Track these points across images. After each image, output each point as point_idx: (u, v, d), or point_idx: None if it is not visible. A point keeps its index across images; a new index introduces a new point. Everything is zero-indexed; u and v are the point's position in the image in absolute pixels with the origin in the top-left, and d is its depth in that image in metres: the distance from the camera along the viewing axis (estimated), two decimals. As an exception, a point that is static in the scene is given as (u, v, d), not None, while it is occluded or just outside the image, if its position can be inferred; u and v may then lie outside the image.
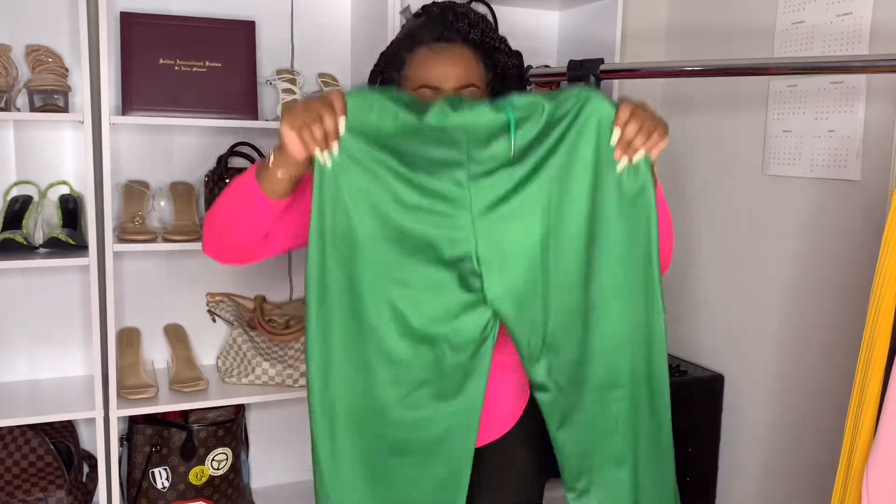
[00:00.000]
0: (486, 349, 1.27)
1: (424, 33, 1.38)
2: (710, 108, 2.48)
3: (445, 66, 1.34)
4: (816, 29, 2.08)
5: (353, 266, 1.23)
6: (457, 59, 1.35)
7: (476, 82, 1.36)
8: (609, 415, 1.30)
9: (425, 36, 1.38)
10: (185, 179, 2.20)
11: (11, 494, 1.98)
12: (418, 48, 1.37)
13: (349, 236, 1.22)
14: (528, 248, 1.24)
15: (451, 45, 1.36)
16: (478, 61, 1.38)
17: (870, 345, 1.38)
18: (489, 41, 1.41)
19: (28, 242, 1.89)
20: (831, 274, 2.08)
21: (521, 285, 1.25)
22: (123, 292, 2.19)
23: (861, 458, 1.40)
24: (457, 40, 1.37)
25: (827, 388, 2.10)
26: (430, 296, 1.24)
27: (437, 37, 1.37)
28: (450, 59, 1.35)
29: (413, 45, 1.38)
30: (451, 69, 1.34)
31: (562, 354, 1.29)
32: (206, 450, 2.08)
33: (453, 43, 1.36)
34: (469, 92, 1.34)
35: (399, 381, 1.27)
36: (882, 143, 1.94)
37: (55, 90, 1.91)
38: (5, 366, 2.13)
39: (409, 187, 1.21)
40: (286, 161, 1.18)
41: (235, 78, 2.07)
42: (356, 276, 1.23)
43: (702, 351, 2.55)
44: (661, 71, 2.25)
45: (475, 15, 1.41)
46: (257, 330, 2.19)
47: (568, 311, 1.27)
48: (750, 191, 2.33)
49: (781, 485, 2.27)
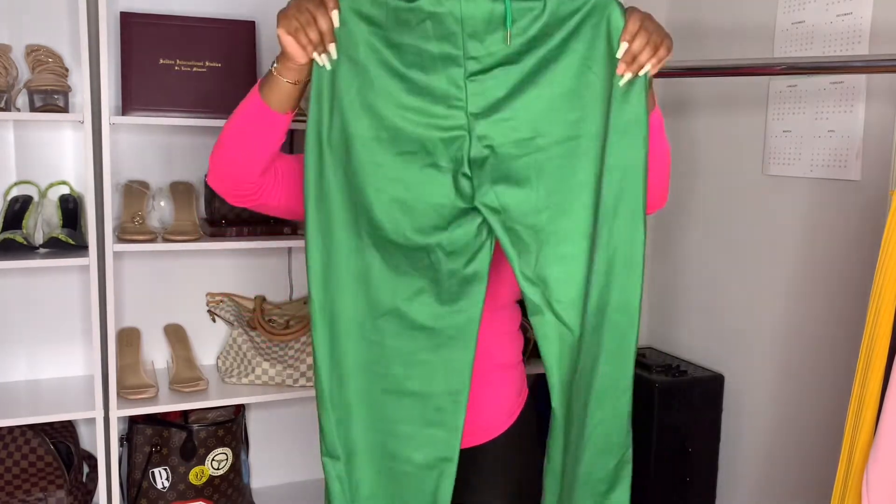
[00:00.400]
0: (483, 257, 1.22)
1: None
2: (710, 108, 2.48)
3: None
4: (816, 29, 2.08)
5: (350, 168, 1.19)
6: None
7: None
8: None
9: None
10: (185, 179, 2.20)
11: (11, 494, 1.98)
12: None
13: (345, 138, 1.18)
14: (524, 155, 1.19)
15: None
16: None
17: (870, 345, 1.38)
18: None
19: (28, 242, 1.89)
20: (831, 274, 2.08)
21: (515, 194, 1.20)
22: (123, 292, 2.19)
23: (861, 458, 1.40)
24: None
25: (827, 388, 2.10)
26: (423, 199, 1.20)
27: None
28: None
29: None
30: None
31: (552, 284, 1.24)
32: (206, 450, 2.08)
33: None
34: None
35: (396, 288, 1.23)
36: (882, 143, 1.94)
37: (55, 90, 1.91)
38: (5, 366, 2.13)
39: (404, 85, 1.16)
40: (288, 66, 1.17)
41: (235, 78, 2.07)
42: (353, 178, 1.20)
43: (702, 351, 2.55)
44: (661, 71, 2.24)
45: None
46: (257, 330, 2.19)
47: (566, 233, 1.23)
48: (750, 191, 2.33)
49: (781, 485, 2.27)
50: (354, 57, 1.17)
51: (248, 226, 2.07)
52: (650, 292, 2.79)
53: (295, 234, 2.12)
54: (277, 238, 2.08)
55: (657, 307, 2.76)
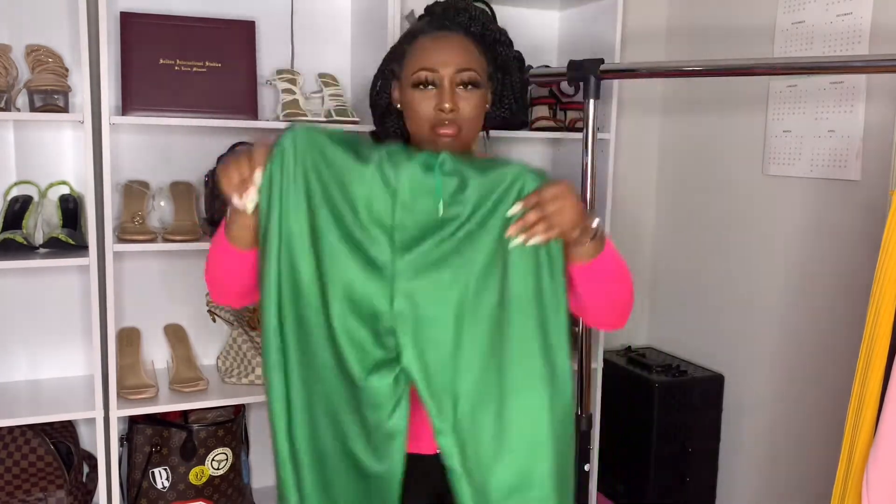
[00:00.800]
0: (401, 412, 1.23)
1: (423, 26, 1.40)
2: (710, 108, 2.48)
3: (444, 51, 1.34)
4: (816, 29, 2.08)
5: (299, 310, 1.24)
6: (456, 45, 1.35)
7: (475, 68, 1.36)
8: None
9: (425, 28, 1.39)
10: (185, 179, 2.20)
11: (11, 494, 1.98)
12: (419, 38, 1.38)
13: (293, 280, 1.23)
14: (444, 319, 1.21)
15: (451, 34, 1.37)
16: (479, 52, 1.38)
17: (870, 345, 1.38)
18: (490, 34, 1.41)
19: (28, 242, 1.89)
20: (831, 274, 2.08)
21: (434, 353, 1.22)
22: (123, 292, 2.19)
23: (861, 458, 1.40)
24: (457, 31, 1.38)
25: (827, 388, 2.10)
26: (349, 348, 1.22)
27: (437, 27, 1.38)
28: (449, 45, 1.35)
29: (414, 38, 1.39)
30: (450, 54, 1.34)
31: (471, 443, 1.24)
32: (206, 450, 2.08)
33: (453, 32, 1.37)
34: (468, 76, 1.34)
35: (337, 434, 1.27)
36: (882, 143, 1.94)
37: (55, 90, 1.91)
38: (5, 366, 2.13)
39: (339, 231, 1.21)
40: (234, 210, 1.25)
41: (235, 78, 2.07)
42: (302, 319, 1.24)
43: (702, 351, 2.55)
44: (661, 71, 2.25)
45: (476, 10, 1.41)
46: (257, 330, 2.19)
47: (480, 395, 1.24)
48: (750, 191, 2.33)
49: (781, 485, 2.27)
50: (300, 197, 1.21)
51: (248, 226, 2.07)
52: (650, 292, 2.79)
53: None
54: (277, 238, 2.08)
55: (657, 307, 2.76)
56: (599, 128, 2.14)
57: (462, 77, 1.34)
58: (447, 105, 1.32)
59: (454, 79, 1.34)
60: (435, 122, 1.34)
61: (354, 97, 2.33)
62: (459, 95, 1.34)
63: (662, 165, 2.70)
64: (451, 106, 1.33)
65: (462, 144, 1.37)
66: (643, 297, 2.78)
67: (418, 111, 1.34)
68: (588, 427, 2.05)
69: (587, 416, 2.04)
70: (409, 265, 1.21)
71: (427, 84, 1.33)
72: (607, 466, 2.52)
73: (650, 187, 2.74)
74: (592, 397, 2.27)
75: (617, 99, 2.31)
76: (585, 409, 2.04)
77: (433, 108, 1.33)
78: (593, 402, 2.32)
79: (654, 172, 2.73)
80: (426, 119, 1.34)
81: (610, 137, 2.28)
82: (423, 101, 1.34)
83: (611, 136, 2.28)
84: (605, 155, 2.28)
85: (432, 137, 1.35)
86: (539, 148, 2.59)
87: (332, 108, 2.13)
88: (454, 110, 1.33)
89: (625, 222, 2.67)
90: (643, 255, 2.77)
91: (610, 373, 2.45)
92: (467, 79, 1.34)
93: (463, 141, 1.37)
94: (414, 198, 1.20)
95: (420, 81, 1.34)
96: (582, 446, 2.05)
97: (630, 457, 2.46)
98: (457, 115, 1.34)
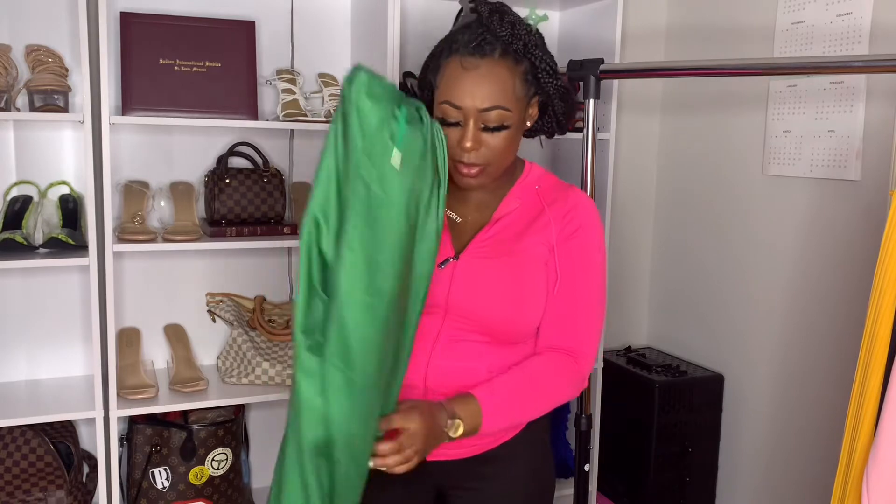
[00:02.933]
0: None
1: (461, 41, 1.30)
2: (710, 108, 2.48)
3: (473, 87, 1.27)
4: (816, 29, 2.08)
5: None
6: (487, 78, 1.27)
7: (505, 104, 1.28)
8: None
9: (460, 45, 1.30)
10: (185, 179, 2.20)
11: (11, 494, 1.98)
12: (452, 58, 1.30)
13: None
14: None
15: (484, 60, 1.28)
16: (514, 78, 1.30)
17: (870, 345, 1.38)
18: (530, 56, 1.32)
19: (28, 242, 1.89)
20: (831, 274, 2.08)
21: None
22: (123, 292, 2.19)
23: (861, 458, 1.40)
24: (492, 53, 1.28)
25: (827, 388, 2.10)
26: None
27: (471, 49, 1.28)
28: (479, 78, 1.27)
29: (450, 52, 1.31)
30: (479, 89, 1.27)
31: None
32: (206, 450, 2.08)
33: (487, 58, 1.28)
34: (495, 116, 1.28)
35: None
36: (882, 143, 1.94)
37: (55, 90, 1.91)
38: (5, 366, 2.13)
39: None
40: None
41: (235, 78, 2.07)
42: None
43: (702, 351, 2.55)
44: (661, 71, 2.25)
45: (521, 26, 1.32)
46: (257, 330, 2.19)
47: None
48: (750, 191, 2.33)
49: (781, 485, 2.27)
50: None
51: (248, 226, 2.07)
52: (650, 292, 2.79)
53: (294, 234, 2.12)
54: (277, 238, 2.08)
55: (657, 307, 2.76)
56: (599, 128, 2.14)
57: (488, 118, 1.28)
58: (467, 145, 1.28)
59: (479, 118, 1.28)
60: (457, 159, 1.30)
61: (354, 97, 2.32)
62: (484, 137, 1.29)
63: (662, 165, 2.70)
64: (473, 146, 1.28)
65: (489, 179, 1.35)
66: (643, 297, 2.78)
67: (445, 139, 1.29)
68: (588, 427, 2.05)
69: (587, 416, 2.04)
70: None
71: (451, 122, 1.29)
72: (607, 466, 2.52)
73: (650, 187, 2.74)
74: (592, 397, 2.27)
75: (617, 99, 2.31)
76: (585, 410, 2.04)
77: (455, 145, 1.29)
78: (593, 402, 2.32)
79: (654, 172, 2.73)
80: (452, 152, 1.30)
81: (610, 137, 2.28)
82: (450, 133, 1.30)
83: (611, 136, 2.28)
84: (605, 155, 2.28)
85: (456, 171, 1.33)
86: (539, 147, 2.59)
87: (332, 108, 2.13)
88: (475, 150, 1.29)
89: (624, 222, 2.67)
90: (643, 255, 2.77)
91: (610, 373, 2.45)
92: (495, 121, 1.28)
93: (490, 176, 1.34)
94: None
95: (447, 118, 1.29)
96: (582, 446, 2.05)
97: (630, 457, 2.46)
98: (478, 157, 1.30)
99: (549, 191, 1.42)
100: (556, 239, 1.37)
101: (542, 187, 1.42)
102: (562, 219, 1.38)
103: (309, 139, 2.32)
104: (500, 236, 1.38)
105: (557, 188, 1.43)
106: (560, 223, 1.38)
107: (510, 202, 1.41)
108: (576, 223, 1.38)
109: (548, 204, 1.40)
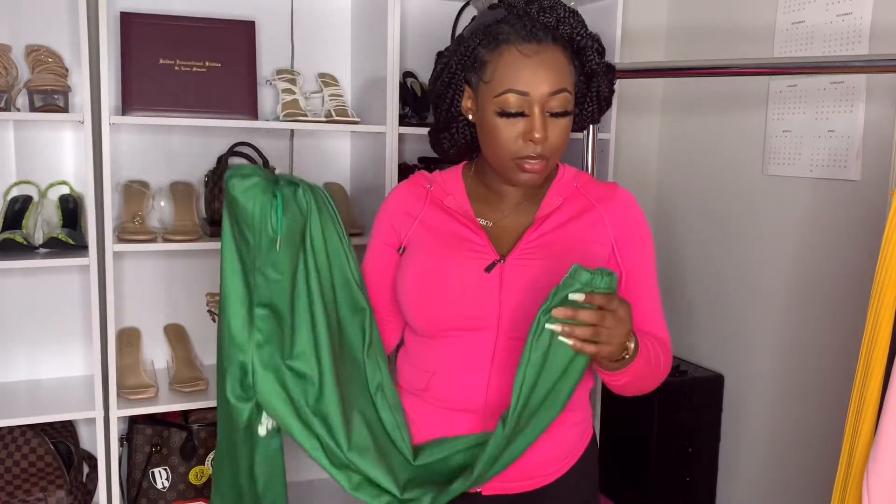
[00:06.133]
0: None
1: (509, 31, 1.22)
2: (710, 108, 2.48)
3: (537, 71, 1.20)
4: (816, 29, 2.08)
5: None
6: (549, 62, 1.21)
7: (568, 86, 1.22)
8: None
9: (510, 35, 1.22)
10: (185, 179, 2.20)
11: (11, 494, 1.98)
12: (504, 48, 1.22)
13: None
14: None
15: (542, 46, 1.21)
16: (567, 61, 1.24)
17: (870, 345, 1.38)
18: (579, 38, 1.27)
19: (28, 242, 1.88)
20: (831, 274, 2.08)
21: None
22: (123, 292, 2.19)
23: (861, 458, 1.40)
24: (546, 40, 1.22)
25: (827, 388, 2.10)
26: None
27: (525, 36, 1.21)
28: (542, 63, 1.20)
29: (496, 45, 1.22)
30: (544, 73, 1.20)
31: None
32: (206, 450, 2.08)
33: (543, 43, 1.21)
34: (561, 100, 1.21)
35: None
36: (882, 143, 1.94)
37: (55, 90, 1.91)
38: (5, 366, 2.13)
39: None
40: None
41: (235, 78, 2.07)
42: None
43: (702, 351, 2.55)
44: (661, 71, 2.25)
45: (564, 9, 1.26)
46: (257, 330, 2.19)
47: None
48: (750, 191, 2.33)
49: (781, 485, 2.27)
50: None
51: (248, 226, 2.07)
52: (650, 292, 2.78)
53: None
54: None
55: (657, 307, 2.75)
56: (599, 128, 2.14)
57: (554, 103, 1.21)
58: (538, 135, 1.19)
59: (546, 104, 1.20)
60: (520, 154, 1.22)
61: (354, 97, 2.33)
62: (550, 123, 1.21)
63: (662, 165, 2.70)
64: (543, 136, 1.20)
65: (547, 173, 1.27)
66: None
67: (500, 139, 1.22)
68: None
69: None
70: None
71: (516, 113, 1.20)
72: (607, 466, 2.51)
73: (650, 187, 2.74)
74: (593, 398, 2.27)
75: (617, 99, 2.31)
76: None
77: (520, 138, 1.21)
78: (594, 402, 2.32)
79: (654, 172, 2.73)
80: (509, 149, 1.22)
81: (610, 137, 2.28)
82: (508, 127, 1.21)
83: (611, 136, 2.28)
84: (605, 155, 2.28)
85: (515, 169, 1.24)
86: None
87: (332, 108, 2.13)
88: (544, 141, 1.20)
89: (625, 222, 2.67)
90: (643, 255, 2.76)
91: (610, 373, 2.45)
92: (560, 106, 1.21)
93: (549, 170, 1.26)
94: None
95: (509, 109, 1.20)
96: (582, 446, 2.05)
97: (630, 457, 2.46)
98: (544, 149, 1.21)
99: (592, 188, 1.36)
100: (616, 238, 1.32)
101: (581, 184, 1.36)
102: (619, 216, 1.33)
103: (309, 139, 2.32)
104: (548, 236, 1.30)
105: (599, 185, 1.38)
106: (617, 221, 1.33)
107: (552, 200, 1.33)
108: (635, 221, 1.34)
109: (596, 201, 1.34)
